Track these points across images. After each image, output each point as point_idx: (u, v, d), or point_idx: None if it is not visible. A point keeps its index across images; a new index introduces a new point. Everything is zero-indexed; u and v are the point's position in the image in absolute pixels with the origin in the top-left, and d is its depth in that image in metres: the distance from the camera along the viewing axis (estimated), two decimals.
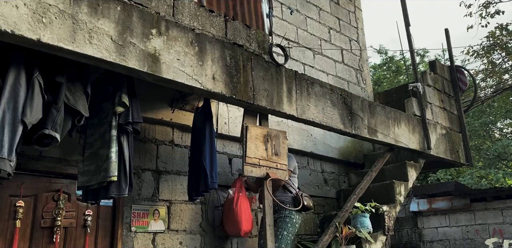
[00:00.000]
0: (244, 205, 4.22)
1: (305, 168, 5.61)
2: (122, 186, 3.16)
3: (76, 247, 3.59)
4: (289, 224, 4.22)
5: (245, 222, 4.18)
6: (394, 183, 5.15)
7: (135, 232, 3.87)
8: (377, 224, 4.73)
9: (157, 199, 4.13)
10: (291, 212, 4.23)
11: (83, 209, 3.69)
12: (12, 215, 3.32)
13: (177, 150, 4.45)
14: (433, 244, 8.02)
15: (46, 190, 3.55)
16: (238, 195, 4.23)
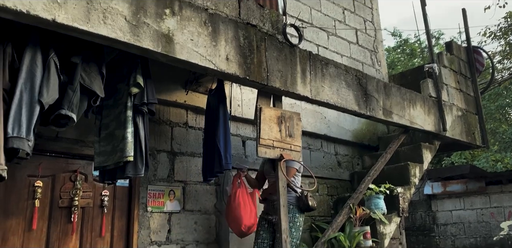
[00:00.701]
0: (244, 201, 4.03)
1: (318, 151, 5.60)
2: (138, 166, 3.19)
3: (94, 226, 3.66)
4: (293, 229, 3.90)
5: (247, 216, 3.98)
6: (409, 165, 5.13)
7: (151, 212, 3.93)
8: (391, 206, 4.73)
9: (173, 180, 4.17)
10: (294, 214, 3.93)
11: (100, 190, 3.75)
12: (31, 195, 3.39)
13: (191, 132, 4.47)
14: (447, 227, 8.02)
15: (63, 170, 3.61)
16: (236, 190, 4.05)
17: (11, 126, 2.54)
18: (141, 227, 3.83)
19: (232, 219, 4.00)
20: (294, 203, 3.96)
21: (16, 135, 2.55)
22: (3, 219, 3.22)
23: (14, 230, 3.27)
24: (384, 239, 4.54)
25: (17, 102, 2.58)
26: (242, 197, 4.04)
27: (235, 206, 3.98)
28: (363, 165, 6.04)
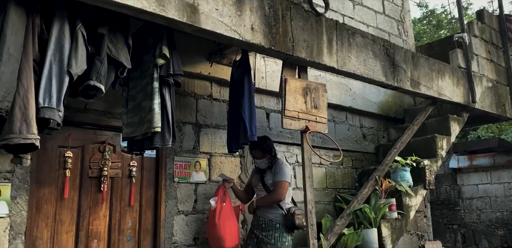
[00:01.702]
0: (228, 219, 3.77)
1: (343, 123, 5.56)
2: (166, 136, 3.22)
3: (123, 196, 3.75)
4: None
5: (230, 237, 3.72)
6: (436, 137, 5.06)
7: (178, 183, 4.00)
8: (417, 179, 4.70)
9: (198, 151, 4.21)
10: (281, 234, 3.72)
11: (128, 160, 3.81)
12: (62, 165, 3.47)
13: (216, 104, 4.47)
14: (473, 201, 7.96)
15: (92, 141, 3.68)
16: (221, 206, 3.76)
17: (42, 97, 2.58)
18: (169, 197, 3.91)
19: (213, 237, 3.76)
20: (280, 222, 3.77)
21: (47, 106, 2.59)
22: (36, 188, 3.33)
23: (47, 199, 3.38)
24: (410, 211, 4.53)
25: (47, 73, 2.61)
26: (226, 214, 3.77)
27: (218, 224, 3.70)
28: (388, 137, 5.98)
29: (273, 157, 3.96)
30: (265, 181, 3.90)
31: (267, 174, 3.93)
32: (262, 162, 3.95)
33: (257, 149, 3.95)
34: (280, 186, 3.77)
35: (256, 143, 3.85)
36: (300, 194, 4.82)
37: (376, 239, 4.11)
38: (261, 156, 3.95)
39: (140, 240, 3.76)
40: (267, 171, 3.93)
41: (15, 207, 3.15)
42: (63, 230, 3.42)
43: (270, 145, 3.99)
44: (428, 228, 5.81)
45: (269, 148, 3.96)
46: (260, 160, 3.95)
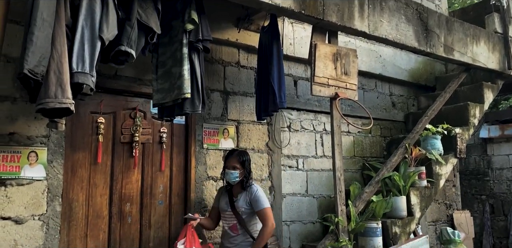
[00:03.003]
0: None
1: (372, 91, 5.46)
2: (196, 103, 3.24)
3: (154, 161, 3.82)
4: None
5: None
6: (469, 105, 4.93)
7: (207, 149, 4.04)
8: (448, 147, 4.63)
9: (226, 118, 4.23)
10: None
11: (158, 127, 3.86)
12: (95, 130, 3.55)
13: (243, 72, 4.44)
14: (503, 171, 7.82)
15: (123, 108, 3.72)
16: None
17: (75, 62, 2.60)
18: (198, 163, 3.97)
19: None
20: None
21: (81, 71, 2.61)
22: (71, 152, 3.42)
23: (81, 163, 3.48)
24: (440, 179, 4.49)
25: (79, 38, 2.62)
26: None
27: None
28: (418, 106, 5.87)
29: (248, 180, 3.43)
30: (237, 207, 3.38)
31: (239, 199, 3.40)
32: (232, 175, 3.38)
33: (235, 158, 3.43)
34: (267, 213, 3.31)
35: (237, 152, 3.47)
36: (327, 162, 4.84)
37: (404, 206, 4.11)
38: (234, 167, 3.40)
39: (171, 204, 3.86)
40: (239, 195, 3.41)
41: (52, 171, 3.25)
42: (97, 193, 3.53)
43: (249, 162, 3.48)
44: (456, 197, 5.78)
45: (247, 164, 3.46)
46: (232, 171, 3.38)
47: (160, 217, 3.79)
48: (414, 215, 4.18)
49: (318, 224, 4.65)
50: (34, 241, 3.13)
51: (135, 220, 3.67)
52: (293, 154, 4.61)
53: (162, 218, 3.80)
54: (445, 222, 5.54)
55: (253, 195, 3.38)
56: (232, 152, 3.52)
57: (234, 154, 3.47)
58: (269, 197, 4.32)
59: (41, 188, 3.20)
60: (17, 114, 3.15)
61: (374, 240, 3.90)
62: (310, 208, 4.63)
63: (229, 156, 3.48)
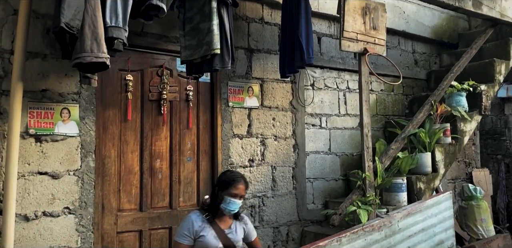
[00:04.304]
0: None
1: (395, 48, 5.37)
2: (225, 58, 3.22)
3: (181, 119, 3.84)
4: None
5: None
6: (495, 61, 4.86)
7: (232, 107, 4.05)
8: (472, 104, 4.60)
9: (250, 77, 4.20)
10: None
11: (184, 85, 3.85)
12: (124, 88, 3.55)
13: (267, 28, 4.36)
14: None
15: (150, 65, 3.71)
16: None
17: (109, 16, 2.58)
18: (224, 121, 3.99)
19: None
20: None
21: (114, 25, 2.59)
22: (101, 109, 3.44)
23: (112, 120, 3.51)
24: (464, 136, 4.50)
25: None
26: None
27: None
28: (440, 63, 5.78)
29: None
30: (234, 241, 2.81)
31: (234, 231, 2.84)
32: (237, 205, 2.78)
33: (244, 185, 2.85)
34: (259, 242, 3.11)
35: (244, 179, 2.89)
36: (350, 120, 4.85)
37: (429, 163, 4.15)
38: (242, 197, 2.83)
39: (199, 161, 3.92)
40: (233, 226, 2.86)
41: (84, 127, 3.29)
42: (128, 149, 3.59)
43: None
44: (476, 155, 5.81)
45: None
46: (238, 201, 2.79)
47: (189, 173, 3.86)
48: (438, 171, 4.23)
49: (340, 181, 4.72)
50: (70, 195, 3.22)
51: (165, 176, 3.75)
52: (316, 112, 4.61)
53: (190, 174, 3.87)
54: (464, 180, 5.60)
55: (248, 223, 2.97)
56: (237, 177, 2.84)
57: (242, 181, 2.84)
58: (293, 155, 4.37)
59: (75, 144, 3.25)
60: (48, 70, 3.16)
61: (399, 195, 3.97)
62: (332, 165, 4.69)
63: (236, 182, 2.78)
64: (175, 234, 2.75)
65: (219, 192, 2.79)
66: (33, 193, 3.08)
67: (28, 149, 3.07)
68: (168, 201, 3.76)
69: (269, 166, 4.20)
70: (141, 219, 3.60)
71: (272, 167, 4.22)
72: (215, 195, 2.80)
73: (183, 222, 2.79)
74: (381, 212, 3.79)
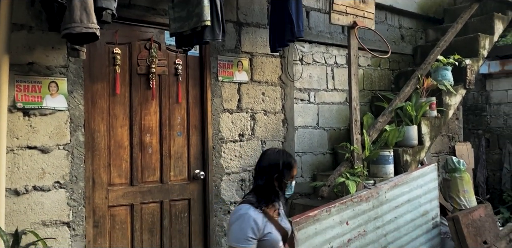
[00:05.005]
0: None
1: (382, 23, 5.38)
2: (216, 30, 3.18)
3: (171, 93, 3.82)
4: None
5: None
6: (479, 36, 4.92)
7: (222, 82, 4.03)
8: (458, 78, 4.67)
9: (240, 51, 4.18)
10: None
11: (173, 58, 3.81)
12: (112, 61, 3.49)
13: (256, 2, 4.31)
14: (500, 106, 7.97)
15: (138, 38, 3.65)
16: None
17: None
18: (214, 96, 3.98)
19: None
20: None
21: None
22: (90, 83, 3.39)
23: (100, 94, 3.47)
24: (449, 110, 4.59)
25: None
26: None
27: None
28: (426, 39, 5.83)
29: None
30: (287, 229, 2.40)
31: (283, 217, 2.43)
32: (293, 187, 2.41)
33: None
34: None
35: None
36: (338, 95, 4.89)
37: (416, 135, 4.23)
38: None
39: (189, 135, 3.92)
40: (280, 211, 2.41)
41: (73, 101, 3.25)
42: (117, 124, 3.56)
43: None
44: (459, 130, 5.94)
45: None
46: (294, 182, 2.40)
47: (179, 148, 3.86)
48: (424, 144, 4.32)
49: (328, 155, 4.79)
50: (61, 169, 3.20)
51: (155, 150, 3.74)
52: (305, 87, 4.63)
53: (181, 148, 3.87)
54: (448, 153, 5.74)
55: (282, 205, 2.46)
56: (291, 155, 2.42)
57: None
58: (282, 129, 4.40)
59: (64, 118, 3.22)
60: (34, 43, 3.08)
61: (386, 167, 4.06)
62: (320, 140, 4.74)
63: (295, 161, 2.40)
64: (231, 239, 2.12)
65: (282, 177, 2.27)
66: (23, 168, 3.05)
67: (16, 123, 3.03)
68: (159, 176, 3.77)
69: (259, 141, 4.23)
70: (132, 193, 3.61)
71: (262, 141, 4.25)
72: (273, 180, 2.25)
73: (239, 222, 2.15)
74: (368, 184, 3.87)
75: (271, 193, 2.25)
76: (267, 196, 2.24)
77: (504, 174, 7.74)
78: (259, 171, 2.28)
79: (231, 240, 2.15)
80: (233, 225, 2.17)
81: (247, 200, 2.26)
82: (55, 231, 3.16)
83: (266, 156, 2.31)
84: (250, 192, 2.32)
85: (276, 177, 2.24)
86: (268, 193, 2.25)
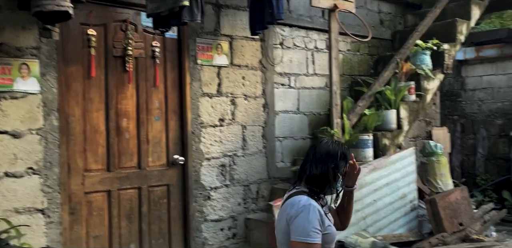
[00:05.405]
0: None
1: (362, 8, 5.34)
2: (194, 11, 3.10)
3: (148, 77, 3.72)
4: None
5: None
6: (457, 21, 4.94)
7: (201, 65, 3.95)
8: (436, 63, 4.69)
9: (219, 33, 4.09)
10: None
11: (150, 41, 3.70)
12: (86, 43, 3.37)
13: None
14: (475, 92, 8.09)
15: (113, 19, 3.52)
16: None
17: None
18: (193, 79, 3.89)
19: None
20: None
21: None
22: (64, 65, 3.27)
23: (75, 77, 3.35)
24: (427, 94, 4.62)
25: None
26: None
27: None
28: (405, 24, 5.83)
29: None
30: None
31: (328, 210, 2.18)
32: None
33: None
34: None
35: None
36: (318, 80, 4.87)
37: (394, 120, 4.25)
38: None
39: (168, 120, 3.83)
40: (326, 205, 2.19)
41: (46, 84, 3.13)
42: (93, 108, 3.46)
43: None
44: (436, 115, 6.01)
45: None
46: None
47: (158, 133, 3.78)
48: (403, 128, 4.35)
49: (308, 140, 4.77)
50: (34, 155, 3.10)
51: (132, 135, 3.66)
52: (285, 71, 4.58)
53: (159, 133, 3.79)
54: (425, 138, 5.79)
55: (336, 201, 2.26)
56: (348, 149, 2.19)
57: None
58: (263, 114, 4.36)
59: (36, 102, 3.10)
60: (3, 23, 2.95)
61: (366, 151, 4.07)
62: (301, 125, 4.72)
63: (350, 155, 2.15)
64: (297, 234, 1.90)
65: (336, 169, 2.07)
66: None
67: None
68: (137, 161, 3.69)
69: (239, 126, 4.18)
70: (109, 179, 3.53)
71: (243, 126, 4.20)
72: (328, 171, 2.05)
73: (304, 214, 1.92)
74: None
75: (326, 183, 2.06)
76: (321, 187, 2.06)
77: (478, 158, 7.91)
78: (315, 160, 2.07)
79: (296, 235, 1.89)
80: (297, 218, 1.91)
81: (301, 191, 2.04)
82: (29, 218, 3.07)
83: (324, 145, 2.13)
84: (296, 182, 2.13)
85: (332, 167, 2.06)
86: (323, 184, 2.06)
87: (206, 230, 3.96)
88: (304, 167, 2.09)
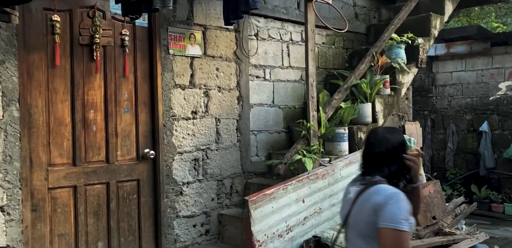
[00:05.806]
0: None
1: (337, 1, 5.28)
2: None
3: (117, 67, 3.54)
4: None
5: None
6: (431, 16, 4.94)
7: (173, 55, 3.79)
8: (409, 57, 4.68)
9: (192, 23, 3.94)
10: None
11: (119, 29, 3.52)
12: (50, 30, 3.17)
13: None
14: (445, 88, 8.21)
15: (79, 5, 3.32)
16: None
17: None
18: (165, 70, 3.74)
19: None
20: None
21: None
22: (25, 53, 3.06)
23: (38, 65, 3.14)
24: (402, 88, 4.61)
25: None
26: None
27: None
28: (379, 18, 5.80)
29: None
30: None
31: None
32: None
33: None
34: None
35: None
36: (293, 73, 4.78)
37: (370, 113, 4.21)
38: None
39: (138, 112, 3.67)
40: None
41: (5, 72, 2.92)
42: (57, 99, 3.26)
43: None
44: (408, 109, 6.01)
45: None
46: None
47: (127, 126, 3.62)
48: (378, 121, 4.31)
49: (283, 133, 4.69)
50: None
51: (100, 128, 3.48)
52: (260, 63, 4.47)
53: (128, 126, 3.63)
54: None
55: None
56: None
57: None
58: (237, 107, 4.24)
59: None
60: None
61: (341, 144, 4.02)
62: (276, 118, 4.63)
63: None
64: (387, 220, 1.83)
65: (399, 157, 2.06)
66: None
67: None
68: (105, 155, 3.52)
69: (213, 118, 4.05)
70: (75, 174, 3.35)
71: (216, 119, 4.08)
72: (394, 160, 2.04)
73: (394, 201, 1.87)
74: (324, 161, 3.82)
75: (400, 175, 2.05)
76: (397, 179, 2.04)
77: (448, 153, 8.03)
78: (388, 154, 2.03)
79: (387, 221, 1.83)
80: (387, 206, 1.85)
81: (379, 180, 2.00)
82: None
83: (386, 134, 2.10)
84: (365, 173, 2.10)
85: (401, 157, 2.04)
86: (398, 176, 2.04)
87: (178, 226, 3.83)
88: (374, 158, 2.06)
